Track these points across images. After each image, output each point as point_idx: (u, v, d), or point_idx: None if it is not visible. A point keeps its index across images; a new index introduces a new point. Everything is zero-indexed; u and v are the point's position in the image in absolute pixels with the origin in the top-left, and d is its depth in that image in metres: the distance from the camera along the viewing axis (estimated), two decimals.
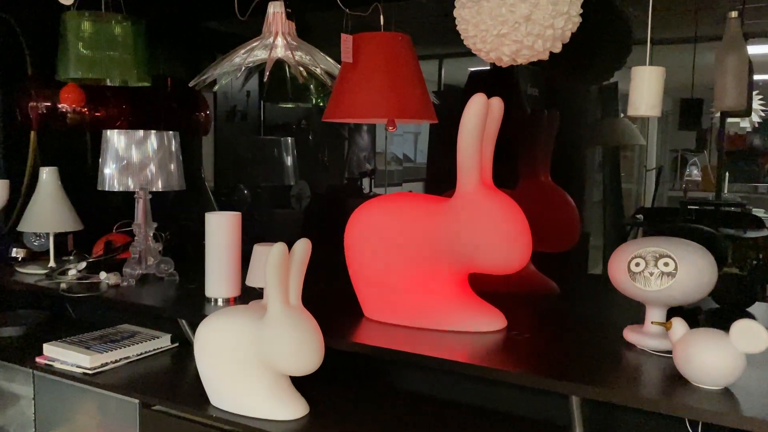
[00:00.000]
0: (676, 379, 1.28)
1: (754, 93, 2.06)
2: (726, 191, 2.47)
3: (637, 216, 3.04)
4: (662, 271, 1.39)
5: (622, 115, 2.50)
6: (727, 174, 2.47)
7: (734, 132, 2.45)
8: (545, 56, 1.48)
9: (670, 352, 1.39)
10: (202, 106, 2.82)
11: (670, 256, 1.39)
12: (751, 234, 2.34)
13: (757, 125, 2.36)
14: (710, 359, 1.22)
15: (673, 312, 1.45)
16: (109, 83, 2.21)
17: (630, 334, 1.49)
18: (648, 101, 1.26)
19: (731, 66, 1.33)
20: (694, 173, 2.65)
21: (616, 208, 2.85)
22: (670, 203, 2.59)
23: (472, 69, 2.28)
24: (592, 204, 2.38)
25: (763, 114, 2.29)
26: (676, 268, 1.38)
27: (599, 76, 2.26)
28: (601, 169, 2.69)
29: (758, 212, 2.37)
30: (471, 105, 1.46)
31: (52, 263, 2.24)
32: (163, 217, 2.30)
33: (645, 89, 1.25)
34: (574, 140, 2.17)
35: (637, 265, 1.42)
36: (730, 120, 2.39)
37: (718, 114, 2.29)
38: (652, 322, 1.42)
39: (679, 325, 1.30)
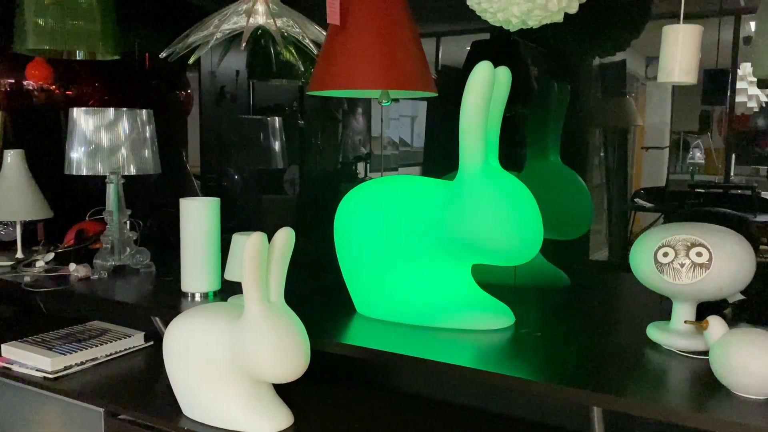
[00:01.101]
0: (710, 386, 1.12)
1: None
2: (732, 174, 2.38)
3: (636, 199, 2.90)
4: (694, 262, 1.21)
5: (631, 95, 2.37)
6: (733, 156, 2.38)
7: (741, 113, 2.33)
8: (560, 18, 1.29)
9: (702, 353, 1.24)
10: (184, 85, 2.63)
11: (703, 245, 1.22)
12: (762, 218, 2.21)
13: (765, 105, 2.24)
14: (756, 364, 1.05)
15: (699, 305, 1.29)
16: (77, 57, 2.01)
17: (655, 333, 1.33)
18: (682, 65, 1.08)
19: None
20: (697, 156, 2.56)
21: (620, 191, 2.71)
22: (673, 186, 2.49)
23: (475, 40, 2.09)
24: (592, 188, 2.25)
25: None
26: (710, 259, 1.20)
27: (607, 51, 2.10)
28: (604, 151, 2.56)
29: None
30: (476, 73, 1.28)
31: (19, 254, 2.07)
32: (142, 204, 2.14)
33: (679, 51, 1.07)
34: (578, 120, 2.01)
35: (665, 255, 1.24)
36: (738, 100, 2.29)
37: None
38: (685, 322, 1.25)
39: (717, 324, 1.13)
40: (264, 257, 1.20)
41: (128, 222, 1.98)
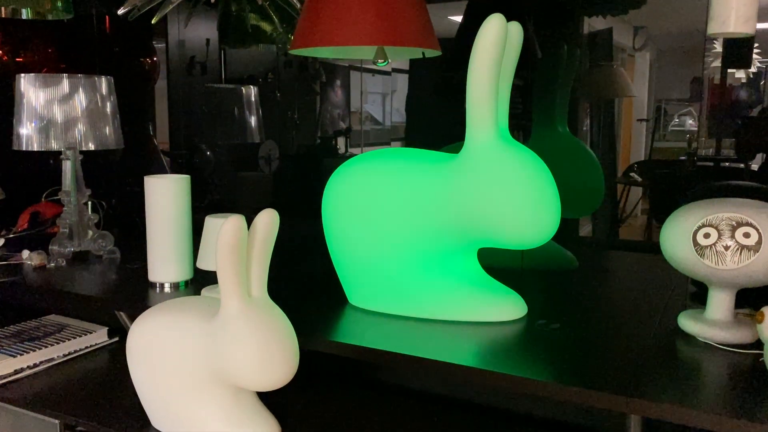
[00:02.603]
0: (759, 384, 0.97)
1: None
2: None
3: (632, 174, 2.78)
4: (741, 245, 1.06)
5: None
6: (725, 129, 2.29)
7: (729, 83, 2.23)
8: None
9: (745, 345, 1.10)
10: (149, 52, 2.39)
11: (751, 225, 1.06)
12: None
13: (752, 76, 2.12)
14: None
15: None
16: (22, 16, 1.78)
17: (689, 323, 1.17)
18: (739, 10, 0.90)
19: None
20: (689, 123, 2.47)
21: (610, 165, 2.60)
22: (660, 156, 2.47)
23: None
24: None
25: (760, 65, 2.04)
26: (759, 241, 1.05)
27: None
28: (591, 123, 2.45)
29: None
30: (487, 28, 1.10)
31: None
32: (105, 183, 1.94)
33: None
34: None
35: (707, 236, 1.08)
36: (729, 70, 2.20)
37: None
38: (737, 314, 1.10)
39: None
40: (243, 244, 1.01)
41: (89, 203, 1.78)
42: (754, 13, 0.92)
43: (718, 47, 1.98)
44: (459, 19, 2.13)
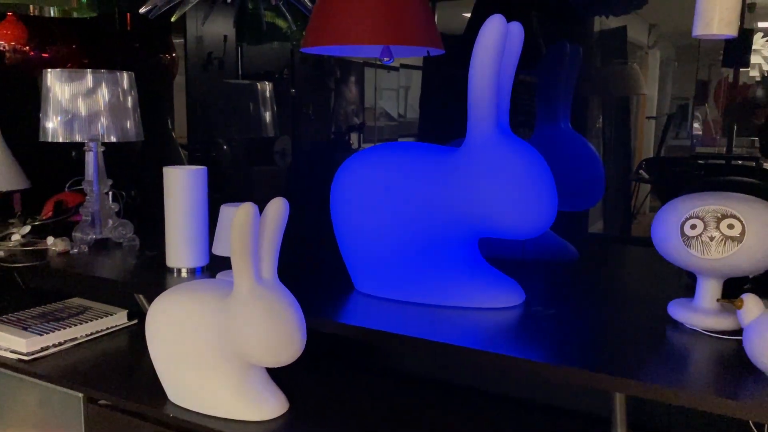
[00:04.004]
0: (744, 369, 1.02)
1: (764, 39, 1.82)
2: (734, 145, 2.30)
3: (641, 171, 2.81)
4: (725, 235, 1.11)
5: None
6: (735, 127, 2.30)
7: (742, 82, 2.25)
8: None
9: (730, 332, 1.15)
10: (168, 48, 2.48)
11: (735, 217, 1.11)
12: None
13: (766, 74, 2.15)
14: None
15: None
16: (50, 14, 1.87)
17: (678, 311, 1.23)
18: (722, 14, 0.96)
19: None
20: (695, 126, 2.49)
21: (623, 162, 2.63)
22: (673, 154, 2.41)
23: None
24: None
25: None
26: (743, 232, 1.10)
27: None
28: (604, 120, 2.48)
29: None
30: (488, 28, 1.16)
31: None
32: (125, 175, 2.02)
33: None
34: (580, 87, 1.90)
35: (693, 227, 1.14)
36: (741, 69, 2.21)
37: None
38: (717, 300, 1.15)
39: (753, 302, 1.04)
40: (255, 229, 1.09)
41: (110, 193, 1.86)
42: (736, 16, 0.97)
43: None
44: None
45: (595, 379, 1.03)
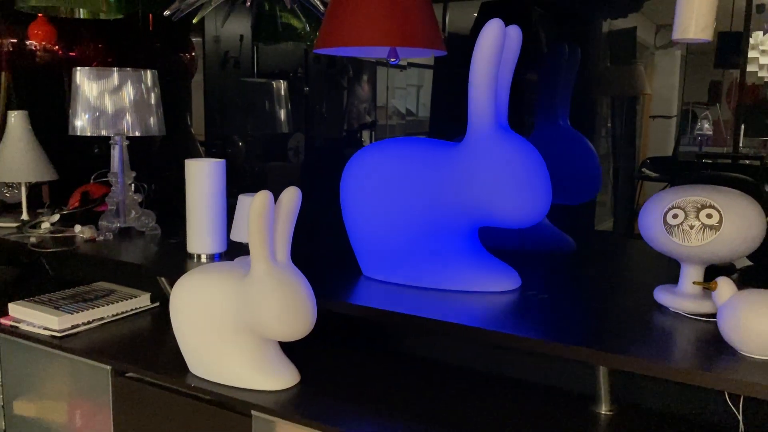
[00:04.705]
0: (717, 347, 1.11)
1: None
2: (741, 145, 2.36)
3: (644, 170, 2.87)
4: (704, 224, 1.20)
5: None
6: (742, 127, 2.35)
7: (751, 82, 2.31)
8: None
9: (709, 315, 1.24)
10: (188, 47, 2.59)
11: (713, 207, 1.20)
12: None
13: None
14: (764, 325, 1.04)
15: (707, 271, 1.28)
16: (80, 15, 1.98)
17: (662, 295, 1.32)
18: (699, 20, 1.05)
19: None
20: (705, 127, 2.53)
21: (628, 161, 2.68)
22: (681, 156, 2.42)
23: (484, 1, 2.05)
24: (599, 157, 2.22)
25: None
26: (720, 221, 1.19)
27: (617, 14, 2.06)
28: (612, 119, 2.53)
29: None
30: (487, 31, 1.26)
31: (24, 216, 2.07)
32: (146, 167, 2.13)
33: (696, 4, 1.05)
34: (586, 87, 1.98)
35: (675, 216, 1.23)
36: (749, 69, 2.26)
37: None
38: (693, 283, 1.24)
39: (726, 285, 1.13)
40: (270, 215, 1.19)
41: (133, 185, 1.98)
42: (711, 22, 1.06)
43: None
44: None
45: (581, 353, 1.12)
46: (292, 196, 1.24)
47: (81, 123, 1.87)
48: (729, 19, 1.96)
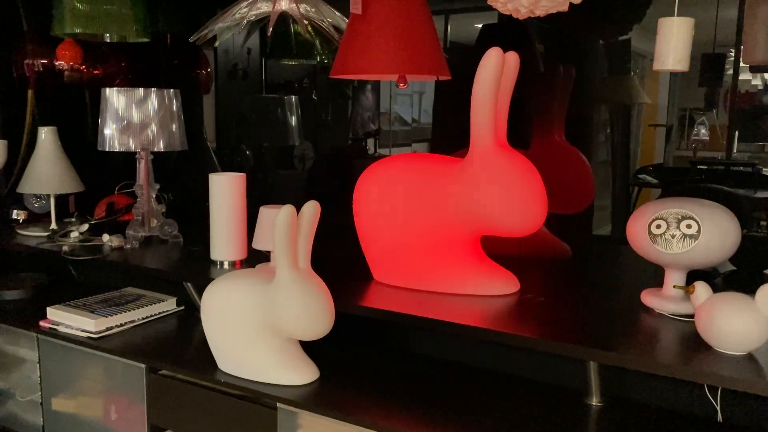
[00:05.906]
0: (697, 345, 1.24)
1: None
2: (735, 151, 2.44)
3: (640, 176, 2.98)
4: (684, 234, 1.34)
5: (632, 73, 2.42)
6: (736, 133, 2.44)
7: (745, 90, 2.40)
8: (565, 7, 1.40)
9: (690, 316, 1.36)
10: (203, 64, 2.73)
11: (692, 218, 1.34)
12: (762, 194, 2.29)
13: None
14: (734, 324, 1.18)
15: (690, 275, 1.41)
16: (107, 39, 2.12)
17: (648, 298, 1.45)
18: (675, 54, 1.19)
19: (763, 17, 1.26)
20: (702, 132, 2.61)
21: (623, 168, 2.79)
22: (675, 163, 2.52)
23: (485, 23, 2.19)
24: (597, 164, 2.33)
25: None
26: (699, 231, 1.33)
27: (614, 31, 2.18)
28: (609, 128, 2.63)
29: None
30: (487, 59, 1.39)
31: (53, 225, 2.20)
32: (165, 178, 2.25)
33: (673, 41, 1.18)
34: (583, 98, 2.11)
35: (658, 227, 1.37)
36: (741, 78, 2.34)
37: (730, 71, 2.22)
38: (674, 287, 1.38)
39: (702, 288, 1.26)
40: (294, 227, 1.32)
41: (155, 195, 2.11)
42: (686, 55, 1.20)
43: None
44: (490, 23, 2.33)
45: (574, 350, 1.25)
46: (312, 209, 1.37)
47: (110, 132, 1.99)
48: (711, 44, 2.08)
